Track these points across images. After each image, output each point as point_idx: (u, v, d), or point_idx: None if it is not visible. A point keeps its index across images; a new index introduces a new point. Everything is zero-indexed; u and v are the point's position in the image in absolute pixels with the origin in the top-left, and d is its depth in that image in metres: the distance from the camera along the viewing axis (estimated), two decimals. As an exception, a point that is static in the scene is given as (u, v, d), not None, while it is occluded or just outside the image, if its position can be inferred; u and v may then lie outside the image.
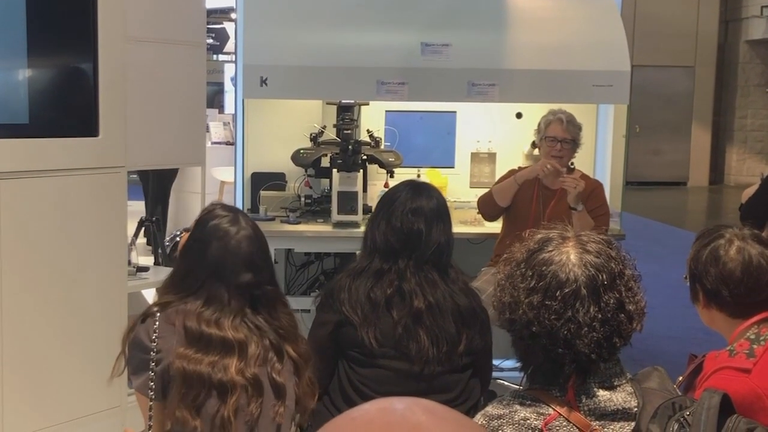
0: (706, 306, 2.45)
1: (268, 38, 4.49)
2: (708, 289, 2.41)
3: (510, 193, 4.35)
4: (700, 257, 2.42)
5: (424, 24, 4.60)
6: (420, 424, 0.88)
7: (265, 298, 2.45)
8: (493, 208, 4.41)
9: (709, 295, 2.41)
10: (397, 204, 2.88)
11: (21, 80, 3.49)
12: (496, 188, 4.42)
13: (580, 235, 1.78)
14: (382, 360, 2.80)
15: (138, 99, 3.73)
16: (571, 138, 4.33)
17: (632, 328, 1.74)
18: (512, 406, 1.74)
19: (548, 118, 4.38)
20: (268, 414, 2.39)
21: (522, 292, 1.73)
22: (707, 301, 2.43)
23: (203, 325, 2.37)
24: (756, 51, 15.95)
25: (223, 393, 2.31)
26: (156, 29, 3.80)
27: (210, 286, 2.42)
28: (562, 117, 4.34)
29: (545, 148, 4.35)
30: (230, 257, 2.42)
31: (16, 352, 3.40)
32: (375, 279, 2.82)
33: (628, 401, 1.73)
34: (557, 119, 4.34)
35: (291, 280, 4.94)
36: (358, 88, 4.49)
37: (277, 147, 4.82)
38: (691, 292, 2.51)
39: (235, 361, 2.34)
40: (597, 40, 4.68)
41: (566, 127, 4.31)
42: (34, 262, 3.45)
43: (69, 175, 3.53)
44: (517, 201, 4.38)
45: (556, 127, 4.33)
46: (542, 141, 4.37)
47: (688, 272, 2.49)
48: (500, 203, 4.37)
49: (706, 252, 2.41)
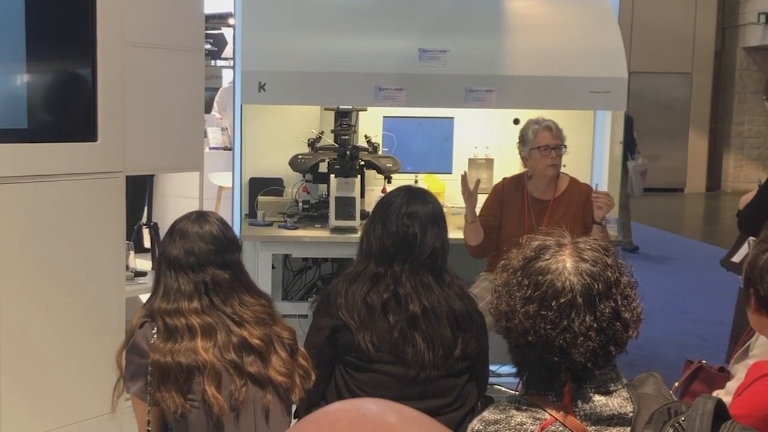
0: (757, 311, 2.39)
1: (266, 44, 4.50)
2: (761, 296, 2.35)
3: (473, 231, 4.25)
4: (757, 262, 2.36)
5: (421, 30, 4.61)
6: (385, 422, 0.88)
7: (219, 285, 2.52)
8: (476, 249, 4.32)
9: (762, 302, 2.36)
10: (393, 208, 2.89)
11: (20, 85, 3.50)
12: (464, 234, 4.31)
13: (577, 242, 1.79)
14: (378, 365, 2.81)
15: (136, 104, 3.74)
16: (561, 143, 4.29)
17: (628, 336, 1.74)
18: (509, 411, 1.75)
19: (534, 128, 4.27)
20: (256, 400, 2.46)
21: (518, 301, 1.74)
22: (759, 307, 2.38)
23: (166, 317, 2.47)
24: (753, 58, 15.97)
25: (200, 373, 2.41)
26: (155, 35, 3.81)
27: (165, 278, 2.53)
28: (550, 124, 4.27)
29: (537, 158, 4.24)
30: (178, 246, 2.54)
31: (14, 356, 3.40)
32: (371, 283, 2.83)
33: (624, 406, 1.73)
34: (545, 128, 4.26)
35: (288, 285, 4.94)
36: (356, 94, 4.50)
37: (275, 152, 4.83)
38: (743, 296, 2.47)
39: (200, 342, 2.44)
40: (594, 46, 4.69)
41: (555, 134, 4.27)
42: (33, 266, 3.45)
43: (67, 180, 3.54)
44: (507, 218, 4.31)
45: (546, 135, 4.25)
46: (532, 152, 4.26)
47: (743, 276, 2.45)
48: (475, 243, 4.27)
49: (764, 258, 2.35)
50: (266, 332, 2.51)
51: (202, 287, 2.50)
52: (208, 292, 2.51)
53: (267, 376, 2.47)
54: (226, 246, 2.56)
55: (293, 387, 2.53)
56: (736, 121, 16.19)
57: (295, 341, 2.60)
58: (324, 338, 2.86)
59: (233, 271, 2.56)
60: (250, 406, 2.45)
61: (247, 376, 2.45)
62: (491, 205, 4.40)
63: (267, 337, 2.51)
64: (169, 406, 2.39)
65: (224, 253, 2.55)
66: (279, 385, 2.49)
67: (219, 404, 2.38)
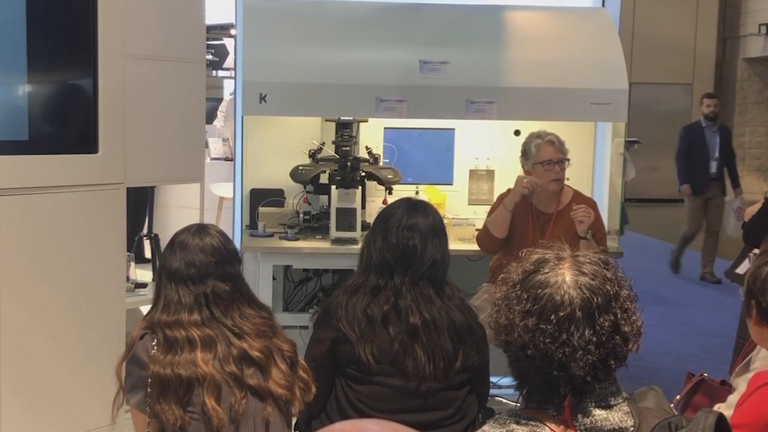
0: (758, 323, 2.40)
1: (267, 55, 4.51)
2: (763, 308, 2.36)
3: (504, 221, 4.26)
4: (759, 274, 2.37)
5: (422, 42, 4.62)
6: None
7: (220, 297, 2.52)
8: (492, 242, 4.33)
9: (763, 314, 2.37)
10: (393, 221, 2.89)
11: (21, 97, 3.51)
12: (489, 221, 4.34)
13: (576, 255, 1.78)
14: (378, 377, 2.80)
15: (137, 116, 3.74)
16: (565, 157, 4.30)
17: (628, 350, 1.74)
18: (509, 425, 1.74)
19: (536, 143, 4.27)
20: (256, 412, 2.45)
21: (517, 315, 1.73)
22: (759, 318, 2.39)
23: (166, 329, 2.47)
24: (754, 69, 15.98)
25: (200, 385, 2.40)
26: (156, 46, 3.82)
27: (165, 290, 2.53)
28: (552, 138, 4.28)
29: (541, 172, 4.25)
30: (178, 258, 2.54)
31: (15, 367, 3.40)
32: (371, 295, 2.83)
33: (625, 421, 1.73)
34: (547, 142, 4.26)
35: (289, 296, 4.94)
36: (357, 105, 4.51)
37: (276, 163, 4.83)
38: (744, 307, 2.47)
39: (200, 354, 2.43)
40: (595, 58, 4.69)
41: (558, 148, 4.28)
42: (33, 278, 3.45)
43: (68, 192, 3.54)
44: (513, 229, 4.30)
45: (549, 150, 4.25)
46: (536, 166, 4.26)
47: (744, 287, 2.45)
48: (498, 235, 4.28)
49: (766, 270, 2.36)
50: (266, 344, 2.51)
51: (203, 299, 2.50)
52: (209, 304, 2.51)
53: (267, 389, 2.47)
54: (227, 258, 2.56)
55: (293, 399, 2.53)
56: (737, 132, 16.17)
57: (296, 354, 2.60)
58: (324, 350, 2.86)
59: (234, 283, 2.56)
60: (250, 418, 2.44)
61: (247, 388, 2.45)
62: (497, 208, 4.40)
63: (267, 350, 2.50)
64: (169, 419, 2.38)
65: (225, 265, 2.55)
66: (279, 397, 2.49)
67: (218, 416, 2.38)
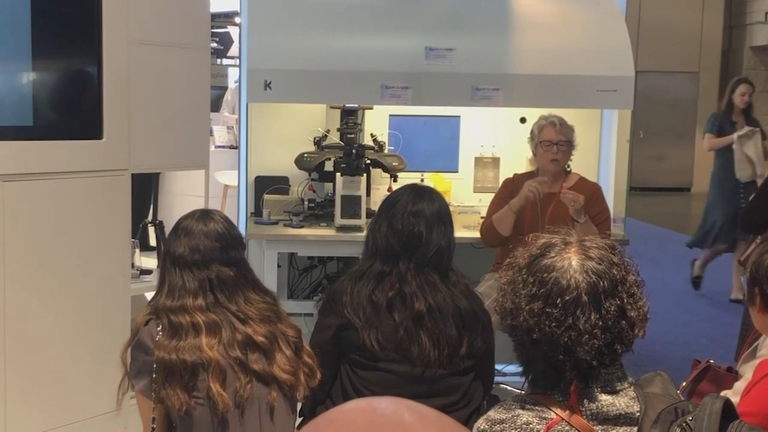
0: (762, 311, 2.39)
1: (272, 42, 4.49)
2: (766, 295, 2.35)
3: (509, 222, 4.26)
4: (762, 261, 2.36)
5: (428, 28, 4.60)
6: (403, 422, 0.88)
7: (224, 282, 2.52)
8: (497, 238, 4.34)
9: (766, 301, 2.36)
10: (399, 207, 2.88)
11: (25, 83, 3.50)
12: (496, 218, 4.32)
13: (583, 240, 1.78)
14: (383, 363, 2.80)
15: (142, 102, 3.73)
16: (565, 139, 4.33)
17: (634, 335, 1.73)
18: (514, 410, 1.74)
19: (540, 124, 4.38)
20: (261, 397, 2.45)
21: (523, 299, 1.73)
22: (763, 306, 2.38)
23: (171, 315, 2.47)
24: (760, 57, 15.93)
25: (205, 370, 2.40)
26: (160, 33, 3.81)
27: (170, 275, 2.53)
28: (555, 120, 4.35)
29: (541, 153, 4.35)
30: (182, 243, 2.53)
31: (20, 354, 3.40)
32: (376, 281, 2.83)
33: (631, 406, 1.72)
34: (549, 123, 4.34)
35: (294, 283, 4.94)
36: (362, 93, 4.49)
37: (281, 151, 4.82)
38: (747, 295, 2.46)
39: (205, 339, 2.43)
40: (601, 45, 4.67)
41: (559, 130, 4.32)
42: (38, 264, 3.45)
43: (73, 178, 3.53)
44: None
45: (550, 131, 4.33)
46: (537, 147, 4.37)
47: (747, 275, 2.44)
48: (503, 233, 4.28)
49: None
50: (271, 330, 2.51)
51: (207, 284, 2.50)
52: (213, 289, 2.50)
53: (272, 374, 2.47)
54: (231, 243, 2.56)
55: (298, 385, 2.52)
56: (743, 121, 16.13)
57: (300, 339, 2.60)
58: (329, 337, 2.86)
59: (238, 269, 2.55)
60: (254, 403, 2.44)
61: (252, 373, 2.45)
62: (502, 197, 4.43)
63: (272, 335, 2.50)
64: (174, 404, 2.38)
65: (229, 251, 2.54)
66: (284, 382, 2.49)
67: (224, 401, 2.38)
